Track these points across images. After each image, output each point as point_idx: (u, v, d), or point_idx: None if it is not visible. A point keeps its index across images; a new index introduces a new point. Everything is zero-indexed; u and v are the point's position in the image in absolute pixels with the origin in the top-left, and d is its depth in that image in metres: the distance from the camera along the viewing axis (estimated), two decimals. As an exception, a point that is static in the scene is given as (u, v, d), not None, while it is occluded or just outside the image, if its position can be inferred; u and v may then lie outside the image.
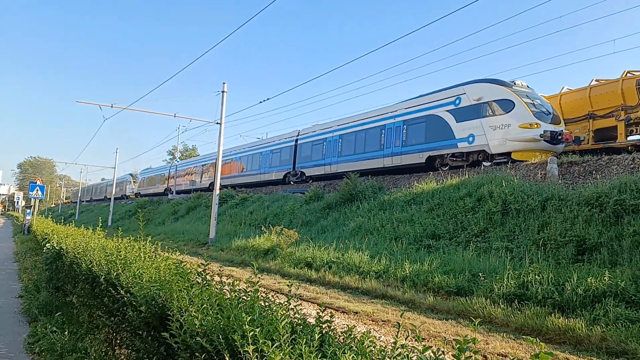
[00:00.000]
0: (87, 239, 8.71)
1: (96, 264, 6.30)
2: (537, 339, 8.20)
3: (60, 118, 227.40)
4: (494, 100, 20.12)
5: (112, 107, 28.13)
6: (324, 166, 30.66)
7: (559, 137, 19.13)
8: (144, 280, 4.74)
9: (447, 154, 22.04)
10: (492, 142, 19.94)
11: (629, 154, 15.40)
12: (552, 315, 9.04)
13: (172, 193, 53.47)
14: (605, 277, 9.55)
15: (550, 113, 19.87)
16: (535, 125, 18.87)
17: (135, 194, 68.48)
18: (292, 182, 34.29)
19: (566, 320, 8.73)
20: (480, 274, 11.70)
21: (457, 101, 21.66)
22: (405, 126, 24.36)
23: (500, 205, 15.28)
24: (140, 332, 4.33)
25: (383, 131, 25.94)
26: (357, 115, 29.55)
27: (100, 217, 11.70)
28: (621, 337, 7.83)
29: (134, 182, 71.19)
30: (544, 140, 18.63)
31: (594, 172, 15.72)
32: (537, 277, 10.46)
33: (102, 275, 5.75)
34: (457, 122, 21.41)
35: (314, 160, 31.92)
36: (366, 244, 16.95)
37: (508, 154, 19.64)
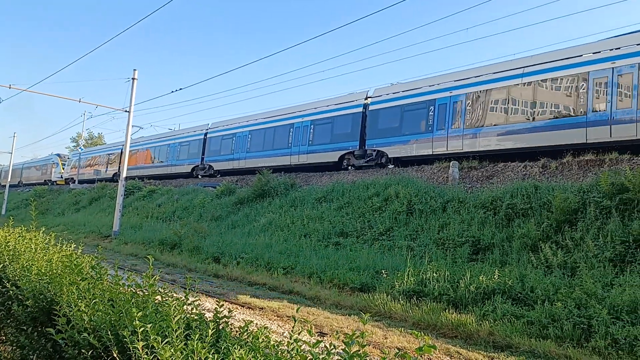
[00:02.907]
0: (-28, 229, 8.07)
1: (-20, 255, 5.86)
2: (430, 333, 8.62)
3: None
4: None
5: (10, 87, 26.19)
6: (438, 140, 19.74)
7: None
8: (32, 273, 4.49)
9: None
10: None
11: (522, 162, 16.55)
12: (447, 311, 9.57)
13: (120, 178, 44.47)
14: (495, 276, 10.25)
15: None
16: None
17: (67, 179, 54.00)
18: (350, 168, 23.89)
19: (459, 315, 9.27)
20: (383, 271, 12.14)
21: None
22: None
23: (406, 206, 15.93)
24: (26, 328, 4.10)
25: (584, 84, 15.72)
26: (490, 66, 19.29)
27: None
28: (507, 331, 8.43)
29: (62, 164, 56.85)
30: None
31: (491, 177, 16.77)
32: (435, 274, 11.02)
33: (-14, 268, 5.37)
34: None
35: (406, 133, 21.00)
36: (276, 240, 17.00)
37: None
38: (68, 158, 57.19)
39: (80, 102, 27.47)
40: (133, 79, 25.25)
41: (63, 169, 56.23)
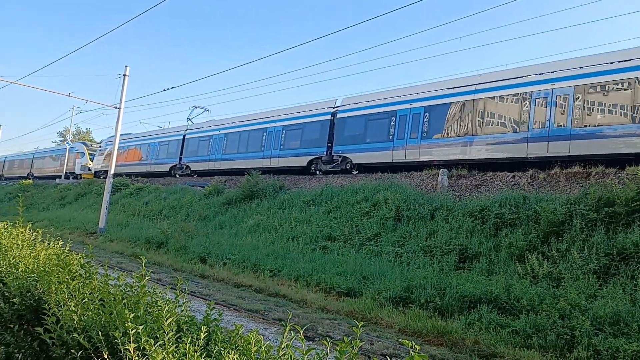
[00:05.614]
0: (-44, 222, 7.94)
1: (-35, 250, 5.77)
2: (416, 340, 8.71)
3: None
4: None
5: (-3, 79, 25.86)
6: None
7: None
8: (20, 270, 4.44)
9: None
10: None
11: (511, 172, 16.67)
12: (432, 318, 9.61)
13: (190, 173, 34.16)
14: (482, 285, 10.31)
15: None
16: None
17: (96, 172, 44.00)
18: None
19: (444, 323, 9.31)
20: (370, 276, 12.15)
21: None
22: None
23: (394, 212, 15.98)
24: (12, 326, 4.04)
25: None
26: None
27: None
28: (492, 341, 8.47)
29: (89, 153, 47.64)
30: None
31: (480, 185, 16.87)
32: (422, 281, 11.06)
33: (-29, 263, 5.28)
34: None
35: None
36: (263, 242, 16.98)
37: None
38: (99, 146, 46.76)
39: (69, 96, 27.27)
40: (124, 75, 25.12)
41: (91, 159, 46.83)
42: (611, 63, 15.68)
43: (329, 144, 24.35)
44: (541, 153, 16.55)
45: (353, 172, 22.83)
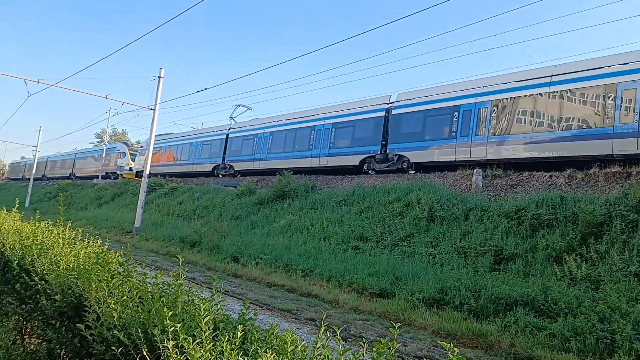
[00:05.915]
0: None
1: (9, 247, 5.97)
2: (450, 342, 8.54)
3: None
4: None
5: (38, 82, 26.61)
6: None
7: None
8: (61, 267, 4.55)
9: None
10: None
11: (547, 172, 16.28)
12: (467, 320, 9.46)
13: (233, 173, 33.01)
14: (518, 287, 10.11)
15: None
16: None
17: (138, 172, 41.91)
18: None
19: (480, 325, 9.16)
20: (403, 277, 12.05)
21: None
22: None
23: (427, 212, 15.81)
24: (54, 322, 4.16)
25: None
26: None
27: (17, 198, 11.00)
28: (528, 343, 8.31)
29: (130, 154, 47.31)
30: None
31: (515, 185, 16.54)
32: (456, 283, 10.91)
33: (15, 260, 5.46)
34: None
35: None
36: (295, 242, 17.03)
37: None
38: (141, 147, 45.69)
39: (106, 98, 27.83)
40: (159, 77, 25.53)
41: (132, 160, 46.12)
42: None
43: (383, 142, 22.80)
44: (630, 150, 14.83)
45: (410, 172, 21.28)
